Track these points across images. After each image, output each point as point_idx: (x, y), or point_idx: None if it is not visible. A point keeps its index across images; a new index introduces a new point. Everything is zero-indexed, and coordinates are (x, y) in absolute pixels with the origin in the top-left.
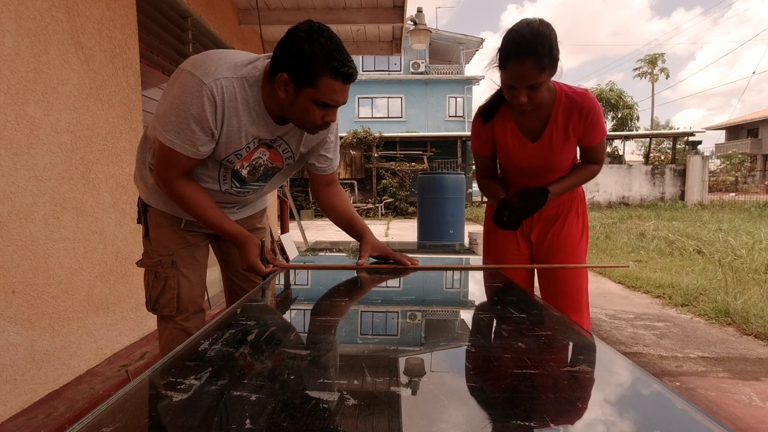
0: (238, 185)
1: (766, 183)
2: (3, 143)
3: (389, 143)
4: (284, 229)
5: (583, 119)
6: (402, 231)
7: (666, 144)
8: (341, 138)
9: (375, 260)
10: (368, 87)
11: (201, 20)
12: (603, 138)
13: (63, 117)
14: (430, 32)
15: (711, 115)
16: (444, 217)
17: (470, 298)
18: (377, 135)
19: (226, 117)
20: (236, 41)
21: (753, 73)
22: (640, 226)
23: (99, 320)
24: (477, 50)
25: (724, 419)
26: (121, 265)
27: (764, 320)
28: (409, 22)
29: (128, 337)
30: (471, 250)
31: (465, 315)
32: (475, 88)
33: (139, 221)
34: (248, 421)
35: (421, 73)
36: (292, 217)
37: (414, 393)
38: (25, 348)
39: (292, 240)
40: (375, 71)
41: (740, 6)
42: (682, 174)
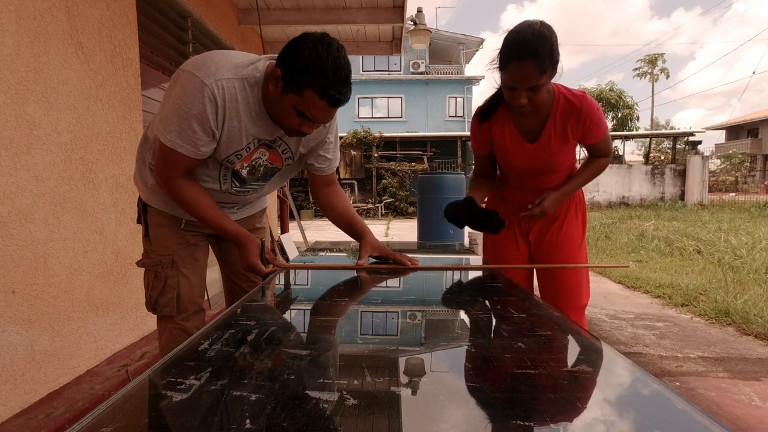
0: (238, 185)
1: (766, 183)
2: (3, 143)
3: (389, 143)
4: (284, 229)
5: (582, 122)
6: (402, 231)
7: (666, 144)
8: (341, 138)
9: (375, 260)
10: (368, 87)
11: (201, 20)
12: (606, 133)
13: (63, 117)
14: (430, 32)
15: (711, 115)
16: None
17: (470, 298)
18: (377, 135)
19: (227, 117)
20: (236, 41)
21: (753, 73)
22: (640, 226)
23: (99, 320)
24: (477, 50)
25: (724, 419)
26: (121, 265)
27: (764, 320)
28: (409, 22)
29: (128, 337)
30: (471, 250)
31: (465, 315)
32: (475, 88)
33: (139, 221)
34: (248, 421)
35: (421, 73)
36: (292, 217)
37: (414, 393)
38: (25, 348)
39: (292, 240)
40: (375, 71)
41: (740, 6)
42: (682, 174)
